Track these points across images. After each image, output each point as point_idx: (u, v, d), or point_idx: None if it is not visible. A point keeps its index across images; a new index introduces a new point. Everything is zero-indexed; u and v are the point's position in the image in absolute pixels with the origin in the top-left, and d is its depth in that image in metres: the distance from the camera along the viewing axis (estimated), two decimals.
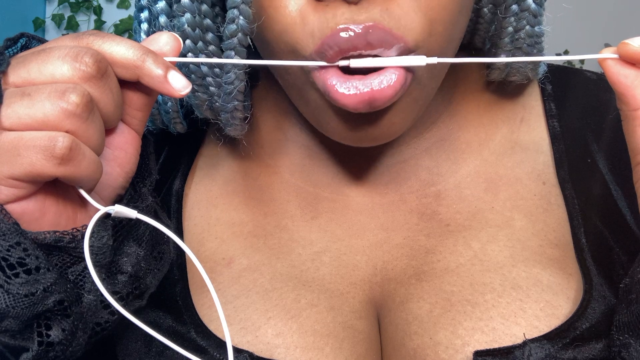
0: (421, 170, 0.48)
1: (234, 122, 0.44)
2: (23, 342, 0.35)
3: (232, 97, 0.42)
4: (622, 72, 0.35)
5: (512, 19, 0.43)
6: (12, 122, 0.31)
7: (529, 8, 0.42)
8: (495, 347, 0.39)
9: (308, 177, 0.49)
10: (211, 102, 0.44)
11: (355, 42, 0.35)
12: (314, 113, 0.41)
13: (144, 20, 0.44)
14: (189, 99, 0.44)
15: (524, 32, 0.43)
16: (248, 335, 0.42)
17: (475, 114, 0.49)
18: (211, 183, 0.50)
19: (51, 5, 1.89)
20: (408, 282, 0.44)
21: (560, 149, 0.47)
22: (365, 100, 0.36)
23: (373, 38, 0.35)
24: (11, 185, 0.32)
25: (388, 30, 0.35)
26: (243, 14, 0.37)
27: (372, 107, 0.37)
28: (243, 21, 0.38)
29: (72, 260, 0.36)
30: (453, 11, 0.38)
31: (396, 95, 0.37)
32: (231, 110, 0.43)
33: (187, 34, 0.40)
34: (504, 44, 0.44)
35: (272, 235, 0.47)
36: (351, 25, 0.35)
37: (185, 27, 0.40)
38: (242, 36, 0.38)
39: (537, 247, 0.44)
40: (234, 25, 0.38)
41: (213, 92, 0.43)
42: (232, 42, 0.39)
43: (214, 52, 0.41)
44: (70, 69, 0.32)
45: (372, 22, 0.35)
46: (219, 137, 0.48)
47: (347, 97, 0.36)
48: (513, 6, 0.43)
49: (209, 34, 0.41)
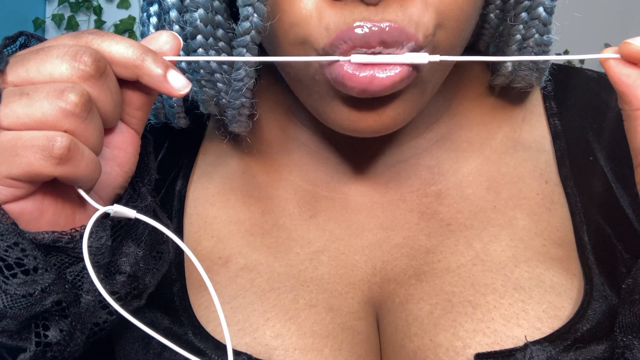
0: (422, 169, 0.47)
1: (240, 119, 0.44)
2: (21, 342, 0.35)
3: (240, 93, 0.42)
4: (624, 72, 0.35)
5: (521, 27, 0.43)
6: (11, 121, 0.31)
7: (540, 16, 0.42)
8: (496, 349, 0.39)
9: (307, 176, 0.49)
10: (218, 98, 0.43)
11: (370, 39, 0.36)
12: (318, 104, 0.41)
13: (154, 14, 0.44)
14: (195, 94, 0.44)
15: (533, 40, 0.43)
16: (246, 336, 0.42)
17: (477, 113, 0.48)
18: (209, 181, 0.50)
19: (51, 5, 1.89)
20: (408, 282, 0.44)
21: (562, 147, 0.47)
22: (364, 82, 0.36)
23: (388, 37, 0.36)
24: (9, 185, 0.32)
25: (402, 29, 0.36)
26: (257, 12, 0.37)
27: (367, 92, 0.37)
28: (257, 19, 0.37)
29: (70, 261, 0.36)
30: (463, 8, 0.38)
31: (398, 84, 0.37)
32: (238, 106, 0.43)
33: (199, 29, 0.40)
34: (510, 50, 0.44)
35: (270, 233, 0.47)
36: (367, 23, 0.35)
37: (197, 22, 0.40)
38: (255, 34, 0.38)
39: (540, 246, 0.43)
40: (248, 23, 0.38)
41: (221, 89, 0.43)
42: (245, 39, 0.38)
43: (223, 48, 0.41)
44: (69, 68, 0.32)
45: (388, 22, 0.35)
46: (224, 132, 0.47)
47: (349, 77, 0.36)
48: (523, 14, 0.42)
49: (220, 31, 0.41)
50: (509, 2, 0.43)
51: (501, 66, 0.45)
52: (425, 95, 0.41)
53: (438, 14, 0.37)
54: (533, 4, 0.42)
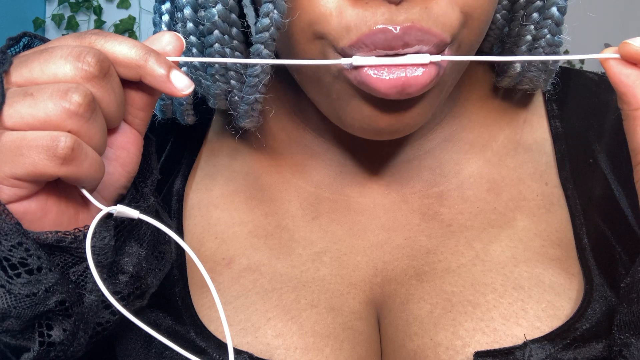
0: (424, 170, 0.48)
1: (252, 114, 0.44)
2: (24, 342, 0.35)
3: (255, 89, 0.41)
4: (624, 72, 0.35)
5: (532, 27, 0.42)
6: (15, 121, 0.31)
7: (553, 16, 0.42)
8: (496, 348, 0.39)
9: (310, 178, 0.49)
10: (231, 95, 0.43)
11: (393, 42, 0.35)
12: (335, 104, 0.40)
13: (165, 12, 0.44)
14: (208, 89, 0.43)
15: (545, 40, 0.42)
16: (248, 336, 0.42)
17: (480, 115, 0.49)
18: (212, 183, 0.50)
19: (51, 5, 1.89)
20: (408, 282, 0.44)
21: (563, 149, 0.47)
22: (398, 85, 0.36)
23: (410, 38, 0.35)
24: (13, 185, 0.32)
25: (426, 30, 0.35)
26: (278, 8, 0.37)
27: (403, 93, 0.36)
28: (277, 15, 0.37)
29: (73, 261, 0.36)
30: (487, 9, 0.38)
31: (430, 84, 0.37)
32: (252, 102, 0.42)
33: (217, 25, 0.39)
34: (520, 51, 0.44)
35: (273, 235, 0.47)
36: (389, 26, 0.35)
37: (215, 18, 0.39)
38: (274, 30, 0.38)
39: (540, 247, 0.44)
40: (267, 20, 0.37)
41: (234, 86, 0.42)
42: (264, 35, 0.38)
43: (237, 46, 0.41)
44: (73, 68, 0.32)
45: (411, 22, 0.35)
46: (233, 129, 0.47)
47: (382, 82, 0.36)
48: (534, 14, 0.42)
49: (234, 29, 0.40)
50: (518, 2, 0.43)
51: (509, 67, 0.45)
52: (442, 95, 0.41)
53: (463, 12, 0.36)
54: (546, 3, 0.41)
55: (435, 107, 0.41)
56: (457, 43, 0.37)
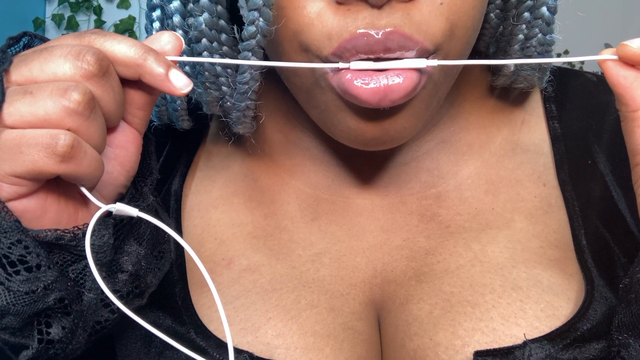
0: (422, 172, 0.48)
1: (244, 121, 0.44)
2: (23, 339, 0.35)
3: (246, 96, 0.42)
4: (622, 73, 0.35)
5: (524, 27, 0.43)
6: (15, 119, 0.32)
7: (543, 16, 0.42)
8: (495, 347, 0.39)
9: (309, 179, 0.49)
10: (223, 101, 0.44)
11: (374, 47, 0.35)
12: (323, 116, 0.41)
13: (156, 19, 0.44)
14: (200, 95, 0.44)
15: (536, 39, 0.43)
16: (248, 335, 0.42)
17: (477, 116, 0.49)
18: (211, 184, 0.50)
19: (51, 5, 1.89)
20: (408, 283, 0.44)
21: (561, 150, 0.47)
22: (380, 91, 0.36)
23: (392, 43, 0.35)
24: (13, 182, 0.32)
25: (408, 36, 0.35)
26: (263, 16, 0.37)
27: (386, 100, 0.36)
28: (263, 23, 0.37)
29: (72, 259, 0.36)
30: (474, 17, 0.38)
31: (413, 91, 0.37)
32: (243, 109, 0.43)
33: (204, 33, 0.40)
34: (513, 50, 0.44)
35: (272, 236, 0.47)
36: (371, 31, 0.35)
37: (202, 26, 0.39)
38: (260, 38, 0.38)
39: (538, 248, 0.44)
40: (253, 27, 0.37)
41: (225, 92, 0.43)
42: (251, 43, 0.38)
43: (227, 52, 0.41)
44: (72, 67, 0.32)
45: (392, 27, 0.35)
46: (227, 134, 0.47)
47: (364, 90, 0.36)
48: (525, 14, 0.42)
49: (223, 35, 0.41)
50: (509, 2, 0.43)
51: (503, 66, 0.45)
52: (432, 108, 0.41)
53: (449, 21, 0.36)
54: (536, 3, 0.42)
55: (428, 116, 0.41)
56: (443, 53, 0.37)
